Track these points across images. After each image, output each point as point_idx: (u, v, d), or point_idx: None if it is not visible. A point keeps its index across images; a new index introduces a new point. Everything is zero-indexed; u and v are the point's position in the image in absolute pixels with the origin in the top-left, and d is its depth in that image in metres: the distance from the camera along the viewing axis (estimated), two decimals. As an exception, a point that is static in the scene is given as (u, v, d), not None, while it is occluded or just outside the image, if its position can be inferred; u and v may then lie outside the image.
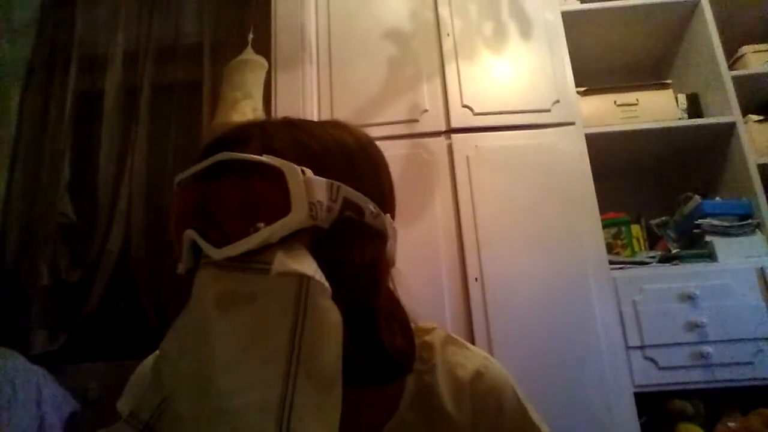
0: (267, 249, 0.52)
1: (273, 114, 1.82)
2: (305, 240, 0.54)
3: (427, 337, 0.70)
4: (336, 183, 0.56)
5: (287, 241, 0.53)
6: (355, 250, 0.59)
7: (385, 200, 0.65)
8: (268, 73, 1.92)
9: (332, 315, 0.50)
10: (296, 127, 0.62)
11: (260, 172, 0.54)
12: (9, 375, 1.66)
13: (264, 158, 0.54)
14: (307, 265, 0.51)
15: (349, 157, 0.62)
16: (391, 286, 0.67)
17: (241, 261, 0.52)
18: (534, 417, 0.68)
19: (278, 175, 0.54)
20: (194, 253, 0.55)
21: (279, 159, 0.54)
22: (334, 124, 0.66)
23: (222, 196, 0.56)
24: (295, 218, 0.53)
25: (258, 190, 0.55)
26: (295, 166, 0.54)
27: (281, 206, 0.53)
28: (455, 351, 0.69)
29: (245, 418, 0.46)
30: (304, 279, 0.50)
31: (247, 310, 0.50)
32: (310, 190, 0.54)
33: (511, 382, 0.69)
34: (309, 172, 0.54)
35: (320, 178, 0.55)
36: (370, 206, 0.60)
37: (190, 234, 0.55)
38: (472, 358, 0.68)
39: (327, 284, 0.51)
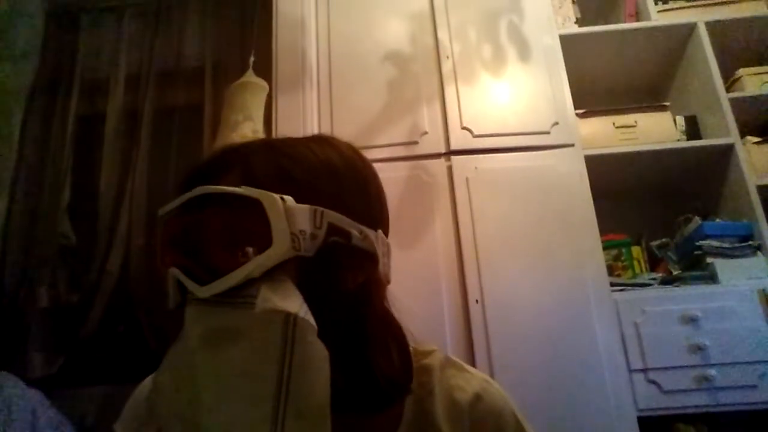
0: (252, 283, 0.51)
1: (273, 137, 1.83)
2: (291, 270, 0.53)
3: (425, 361, 0.68)
4: (319, 209, 0.55)
5: (272, 274, 0.51)
6: (346, 274, 0.58)
7: (375, 216, 0.63)
8: (269, 95, 1.93)
9: (319, 349, 0.49)
10: (277, 150, 0.61)
11: (240, 203, 0.53)
12: (5, 399, 1.64)
13: (241, 190, 0.53)
14: (292, 301, 0.50)
15: (334, 175, 0.61)
16: (387, 306, 0.65)
17: (226, 296, 0.51)
18: None
19: (257, 206, 0.52)
20: (180, 289, 0.54)
21: (257, 190, 0.53)
22: (318, 141, 0.65)
23: (203, 229, 0.55)
24: (278, 251, 0.51)
25: (239, 223, 0.54)
26: (275, 195, 0.53)
27: (263, 238, 0.52)
28: (454, 374, 0.67)
29: None
30: (290, 316, 0.48)
31: (233, 348, 0.48)
32: (292, 219, 0.52)
33: (510, 405, 0.67)
34: (290, 201, 0.53)
35: (302, 205, 0.54)
36: (355, 229, 0.57)
37: (174, 272, 0.54)
38: (472, 380, 0.67)
39: (312, 321, 0.50)
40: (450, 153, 1.85)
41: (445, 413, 0.63)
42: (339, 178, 0.61)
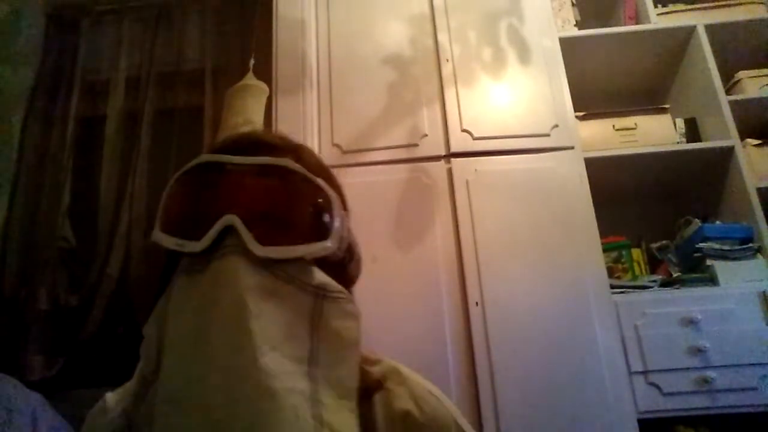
0: (295, 261, 0.56)
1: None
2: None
3: (369, 368, 0.66)
4: (348, 224, 0.63)
5: (321, 265, 0.58)
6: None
7: None
8: (269, 98, 1.93)
9: (350, 334, 0.56)
10: (309, 152, 0.68)
11: (310, 190, 0.59)
12: (4, 401, 1.63)
13: (321, 182, 0.59)
14: (339, 286, 0.58)
15: (337, 188, 0.66)
16: None
17: (271, 264, 0.54)
18: None
19: (327, 200, 0.59)
20: (218, 238, 0.55)
21: (330, 188, 0.60)
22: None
23: (281, 198, 0.59)
24: (329, 247, 0.57)
25: (308, 206, 0.59)
26: (338, 199, 0.60)
27: (319, 229, 0.58)
28: (396, 382, 0.65)
29: (289, 400, 0.48)
30: (318, 300, 0.55)
31: (278, 305, 0.53)
32: (343, 224, 0.60)
33: (452, 416, 0.64)
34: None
35: (345, 214, 0.61)
36: (358, 253, 0.66)
37: (232, 220, 0.55)
38: (414, 390, 0.64)
39: (353, 301, 0.58)
40: (450, 155, 1.86)
41: (383, 422, 0.61)
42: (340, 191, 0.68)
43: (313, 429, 0.48)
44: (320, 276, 0.57)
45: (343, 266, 0.64)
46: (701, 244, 1.82)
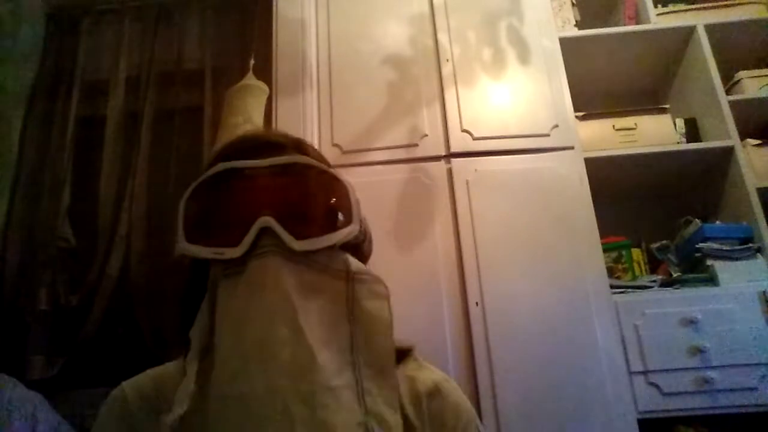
0: (324, 249, 0.59)
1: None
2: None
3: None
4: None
5: (341, 247, 0.61)
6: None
7: None
8: (269, 98, 1.93)
9: (381, 314, 0.59)
10: (311, 147, 0.71)
11: (328, 181, 0.63)
12: (5, 401, 1.63)
13: (336, 172, 0.63)
14: (363, 268, 0.62)
15: None
16: None
17: (306, 256, 0.58)
18: None
19: (344, 188, 0.62)
20: (254, 241, 0.57)
21: (344, 177, 0.63)
22: None
23: (299, 194, 0.62)
24: (354, 229, 0.61)
25: (331, 197, 0.63)
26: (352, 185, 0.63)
27: (344, 215, 0.62)
28: (414, 367, 0.70)
29: (344, 395, 0.53)
30: (349, 284, 0.59)
31: (318, 301, 0.56)
32: (358, 208, 0.63)
33: (467, 401, 0.69)
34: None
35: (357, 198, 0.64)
36: (369, 234, 0.68)
37: (268, 221, 0.57)
38: (432, 375, 0.70)
39: (381, 282, 0.61)
40: (450, 155, 1.85)
41: (409, 402, 0.65)
42: None
43: (363, 417, 0.53)
44: (349, 260, 0.61)
45: (358, 246, 0.67)
46: (701, 244, 1.82)
